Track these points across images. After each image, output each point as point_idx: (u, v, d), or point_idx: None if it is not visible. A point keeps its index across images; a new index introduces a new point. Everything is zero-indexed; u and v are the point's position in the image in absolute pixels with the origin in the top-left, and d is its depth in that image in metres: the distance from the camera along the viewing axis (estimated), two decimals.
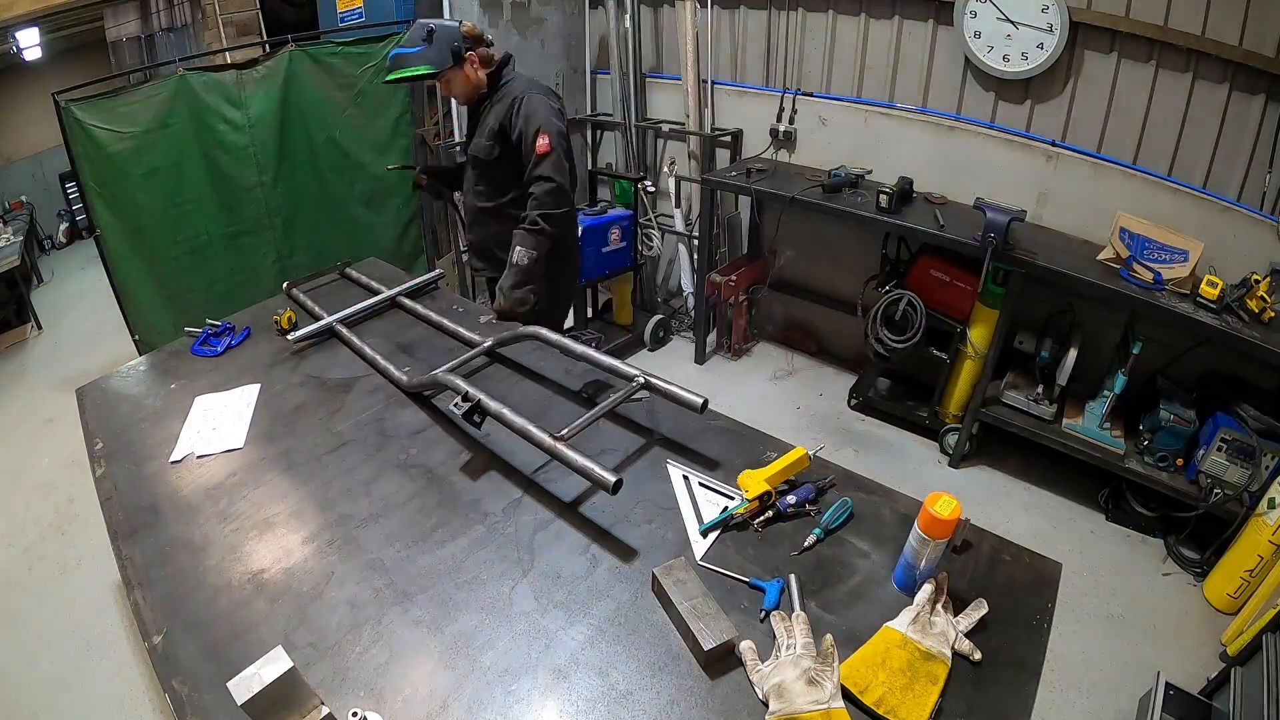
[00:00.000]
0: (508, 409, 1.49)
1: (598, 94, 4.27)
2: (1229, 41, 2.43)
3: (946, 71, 3.12)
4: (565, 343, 1.80)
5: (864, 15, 3.25)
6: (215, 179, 3.21)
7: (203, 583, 1.28)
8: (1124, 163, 2.79)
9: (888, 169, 3.27)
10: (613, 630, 1.15)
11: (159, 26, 5.50)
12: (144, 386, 1.96)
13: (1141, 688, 2.03)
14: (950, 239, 2.75)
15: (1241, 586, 2.34)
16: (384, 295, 2.28)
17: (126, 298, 3.20)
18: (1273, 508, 2.27)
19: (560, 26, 3.95)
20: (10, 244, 5.13)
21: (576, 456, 1.36)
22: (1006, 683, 1.06)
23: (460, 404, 1.51)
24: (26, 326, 4.87)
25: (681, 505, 1.41)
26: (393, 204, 3.80)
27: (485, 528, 1.37)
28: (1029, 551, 1.30)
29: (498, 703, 1.05)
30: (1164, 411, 2.60)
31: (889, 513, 1.38)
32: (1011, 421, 2.89)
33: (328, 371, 1.95)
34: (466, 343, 2.00)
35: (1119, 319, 2.81)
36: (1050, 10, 2.68)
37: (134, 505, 1.49)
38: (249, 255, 3.43)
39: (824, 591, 1.21)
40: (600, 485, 1.32)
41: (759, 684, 1.03)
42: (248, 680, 0.88)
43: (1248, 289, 2.41)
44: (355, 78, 3.44)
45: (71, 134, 2.84)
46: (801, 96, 3.51)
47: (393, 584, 1.25)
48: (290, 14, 4.58)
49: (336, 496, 1.48)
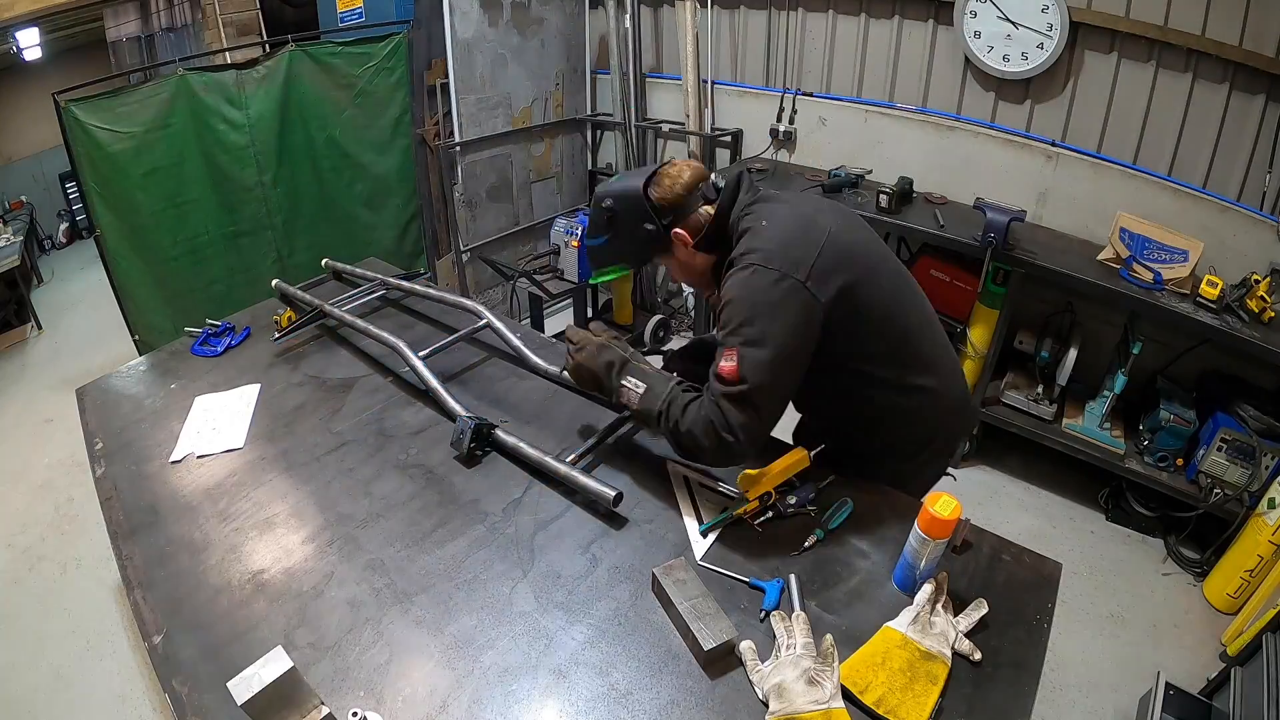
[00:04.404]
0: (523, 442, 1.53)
1: (598, 94, 4.27)
2: (1229, 41, 2.43)
3: (946, 71, 3.12)
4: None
5: (864, 15, 3.25)
6: (215, 179, 3.21)
7: (203, 583, 1.28)
8: (1124, 163, 2.79)
9: (888, 169, 3.27)
10: (613, 630, 1.15)
11: (159, 26, 5.49)
12: (144, 386, 1.96)
13: (1141, 688, 2.03)
14: (950, 239, 2.75)
15: (1241, 586, 2.34)
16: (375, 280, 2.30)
17: (126, 298, 3.20)
18: (1273, 508, 2.27)
19: (560, 26, 3.96)
20: (10, 244, 5.13)
21: (579, 476, 1.40)
22: (1006, 683, 1.06)
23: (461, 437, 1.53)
24: (26, 326, 4.87)
25: (681, 505, 1.41)
26: (393, 204, 3.80)
27: (485, 528, 1.37)
28: (1029, 551, 1.30)
29: (498, 703, 1.05)
30: (1164, 411, 2.60)
31: (889, 513, 1.38)
32: (1011, 421, 2.89)
33: (328, 371, 1.95)
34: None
35: (1119, 319, 2.81)
36: (1050, 10, 2.68)
37: (134, 505, 1.49)
38: (249, 255, 3.43)
39: (824, 591, 1.21)
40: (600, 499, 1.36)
41: (759, 684, 1.03)
42: (248, 680, 0.88)
43: (1248, 289, 2.41)
44: (355, 78, 3.44)
45: (71, 134, 2.84)
46: (801, 96, 3.51)
47: (393, 584, 1.25)
48: (290, 14, 4.59)
49: (336, 496, 1.48)
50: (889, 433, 1.44)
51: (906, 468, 1.49)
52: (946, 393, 1.42)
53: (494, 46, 3.63)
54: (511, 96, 3.81)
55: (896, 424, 1.42)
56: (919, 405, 1.39)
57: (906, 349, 1.36)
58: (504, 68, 3.72)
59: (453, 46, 3.42)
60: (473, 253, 3.90)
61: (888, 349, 1.34)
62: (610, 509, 1.37)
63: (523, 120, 3.92)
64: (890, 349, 1.34)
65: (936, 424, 1.44)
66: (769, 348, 1.18)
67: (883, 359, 1.34)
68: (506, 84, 3.76)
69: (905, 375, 1.36)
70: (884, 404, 1.39)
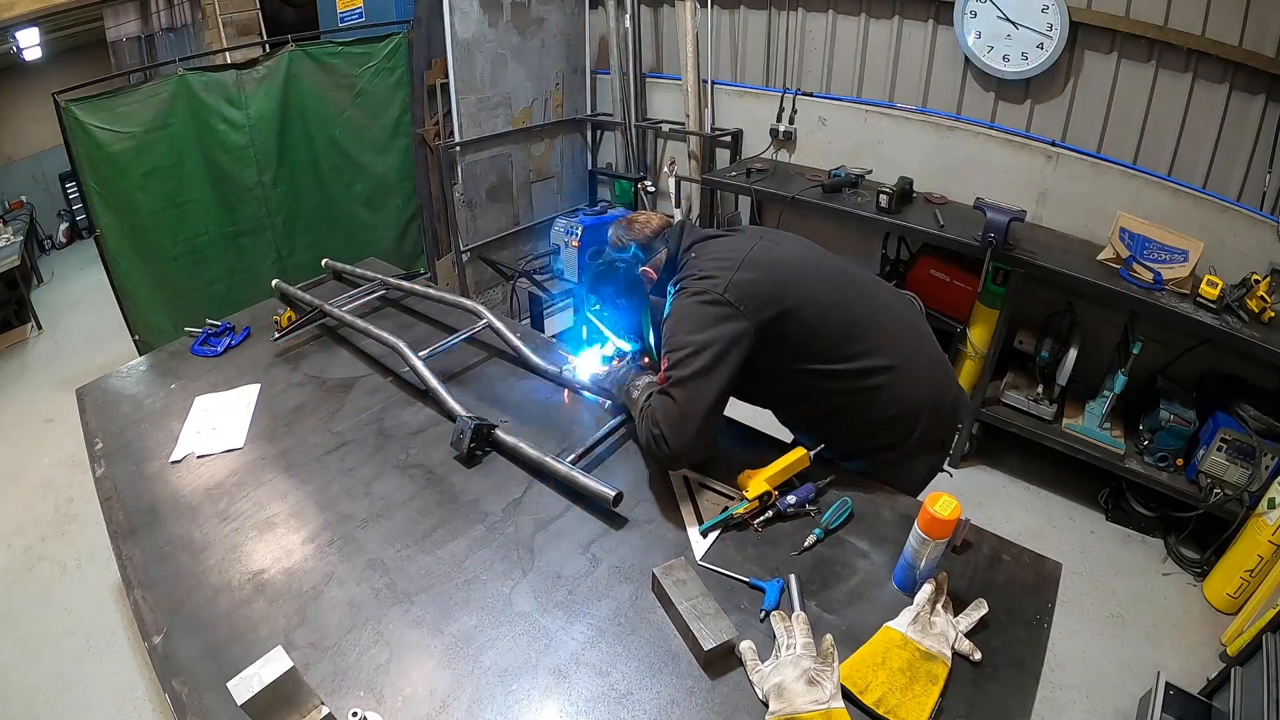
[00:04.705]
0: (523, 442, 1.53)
1: (598, 94, 4.27)
2: (1229, 41, 2.43)
3: (946, 71, 3.12)
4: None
5: (864, 15, 3.25)
6: (215, 179, 3.21)
7: (203, 583, 1.28)
8: (1124, 163, 2.79)
9: (888, 169, 3.27)
10: (613, 630, 1.15)
11: (159, 26, 5.50)
12: (144, 386, 1.96)
13: (1141, 688, 2.03)
14: (950, 239, 2.75)
15: (1241, 586, 2.34)
16: (375, 280, 2.30)
17: (126, 298, 3.20)
18: (1273, 508, 2.26)
19: (560, 26, 3.95)
20: (10, 244, 5.12)
21: (579, 476, 1.41)
22: (1006, 683, 1.06)
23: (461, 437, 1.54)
24: (26, 326, 4.87)
25: (681, 505, 1.41)
26: (392, 204, 3.80)
27: (485, 528, 1.37)
28: (1029, 551, 1.30)
29: (498, 703, 1.05)
30: (1164, 411, 2.60)
31: (889, 513, 1.38)
32: (1011, 421, 2.89)
33: (328, 371, 1.95)
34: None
35: (1119, 319, 2.81)
36: (1050, 10, 2.68)
37: (134, 505, 1.49)
38: (249, 255, 3.43)
39: (824, 591, 1.21)
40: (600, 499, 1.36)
41: (759, 684, 1.03)
42: (248, 680, 0.88)
43: (1248, 289, 2.41)
44: (355, 78, 3.44)
45: (71, 134, 2.83)
46: (801, 96, 3.51)
47: (393, 584, 1.25)
48: (290, 14, 4.59)
49: (336, 496, 1.48)
50: (863, 417, 1.48)
51: (894, 456, 1.51)
52: (912, 367, 1.47)
53: (494, 46, 3.63)
54: (511, 96, 3.81)
55: (868, 408, 1.46)
56: (883, 384, 1.44)
57: (855, 335, 1.43)
58: (504, 68, 3.72)
59: (453, 46, 3.42)
60: (473, 253, 3.90)
61: (833, 340, 1.42)
62: (610, 509, 1.37)
63: (523, 120, 3.92)
64: (836, 340, 1.42)
65: (911, 401, 1.47)
66: (692, 351, 1.33)
67: (831, 352, 1.42)
68: (506, 84, 3.76)
69: (860, 359, 1.42)
70: (847, 390, 1.44)
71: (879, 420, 1.46)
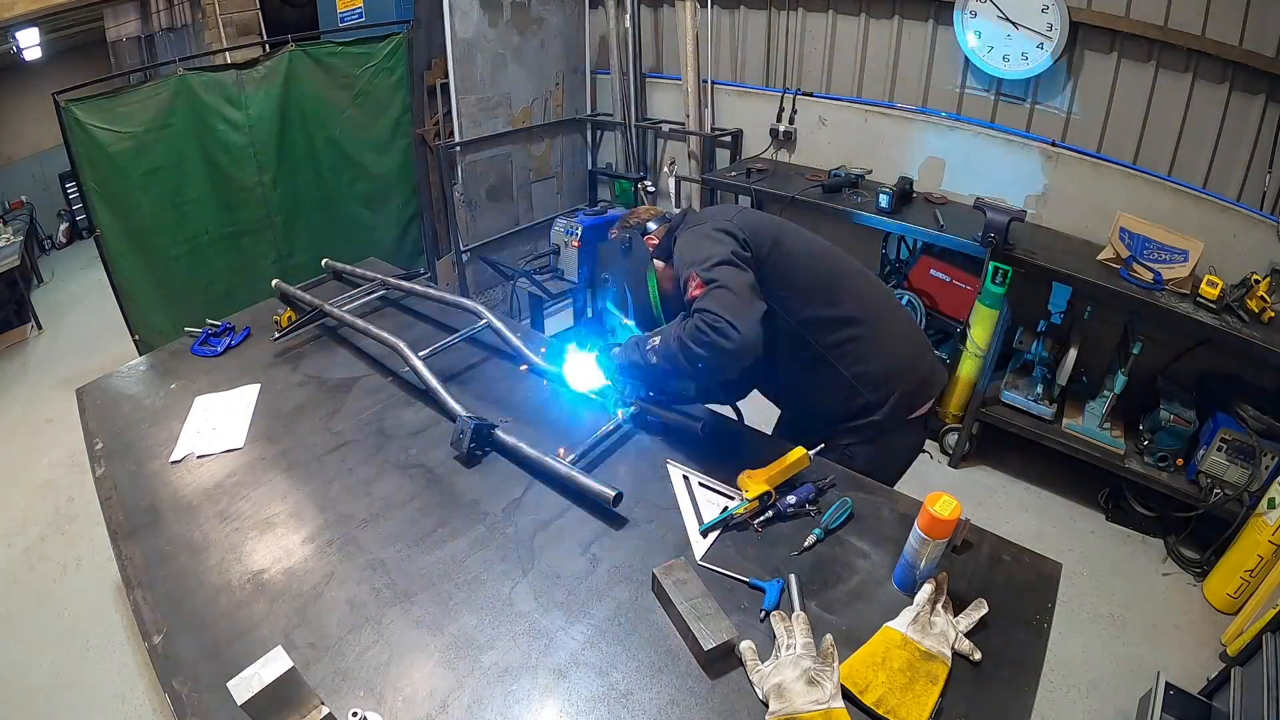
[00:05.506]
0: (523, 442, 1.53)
1: (598, 94, 4.27)
2: (1229, 42, 2.43)
3: (946, 71, 3.12)
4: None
5: (864, 15, 3.25)
6: (215, 179, 3.21)
7: (203, 583, 1.28)
8: (1124, 163, 2.79)
9: (888, 169, 3.27)
10: (613, 630, 1.15)
11: (159, 26, 5.50)
12: (144, 386, 1.96)
13: (1141, 688, 2.03)
14: (950, 239, 2.75)
15: (1241, 586, 2.34)
16: (375, 280, 2.30)
17: (126, 298, 3.20)
18: (1273, 508, 2.27)
19: (560, 26, 3.96)
20: (10, 244, 5.12)
21: (579, 476, 1.41)
22: (1006, 683, 1.06)
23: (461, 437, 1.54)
24: (26, 326, 4.87)
25: (681, 505, 1.41)
26: (393, 204, 3.80)
27: (485, 528, 1.37)
28: (1029, 551, 1.30)
29: (498, 703, 1.05)
30: (1164, 411, 2.60)
31: (889, 513, 1.38)
32: (1011, 421, 2.89)
33: (328, 371, 1.94)
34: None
35: (1119, 319, 2.81)
36: (1050, 10, 2.68)
37: (134, 505, 1.49)
38: (249, 255, 3.43)
39: (824, 591, 1.21)
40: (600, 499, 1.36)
41: (759, 684, 1.03)
42: (248, 680, 0.88)
43: (1248, 289, 2.41)
44: (355, 78, 3.45)
45: (71, 134, 2.84)
46: (801, 96, 3.51)
47: (393, 584, 1.25)
48: (290, 14, 4.59)
49: (336, 496, 1.48)
50: (846, 370, 1.54)
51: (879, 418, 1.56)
52: (887, 325, 1.59)
53: (494, 46, 3.63)
54: (511, 96, 3.81)
55: (850, 360, 1.54)
56: (862, 335, 1.55)
57: (835, 287, 1.57)
58: (504, 68, 3.72)
59: (453, 46, 3.43)
60: (473, 253, 3.90)
61: (817, 280, 1.55)
62: (610, 509, 1.37)
63: (523, 120, 3.92)
64: (820, 282, 1.55)
65: (890, 359, 1.56)
66: (717, 258, 1.40)
67: (816, 293, 1.53)
68: (506, 84, 3.76)
69: (840, 305, 1.55)
70: (828, 343, 1.54)
71: (861, 375, 1.54)
